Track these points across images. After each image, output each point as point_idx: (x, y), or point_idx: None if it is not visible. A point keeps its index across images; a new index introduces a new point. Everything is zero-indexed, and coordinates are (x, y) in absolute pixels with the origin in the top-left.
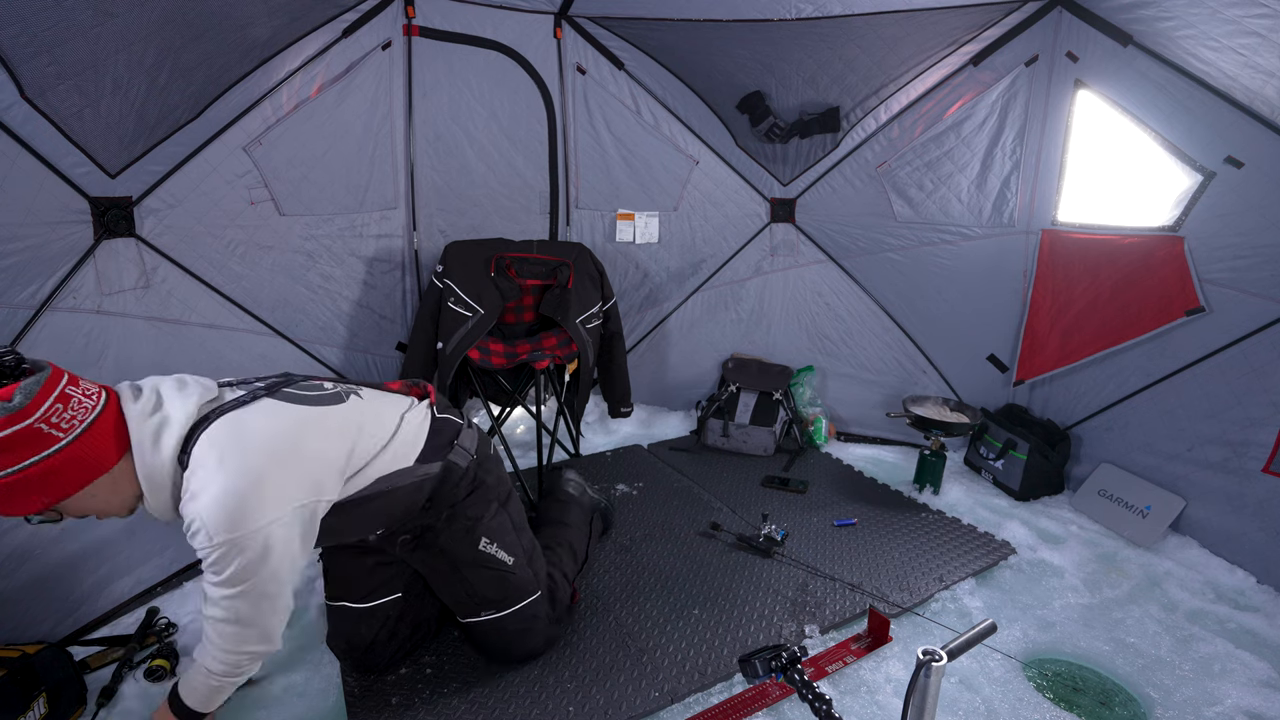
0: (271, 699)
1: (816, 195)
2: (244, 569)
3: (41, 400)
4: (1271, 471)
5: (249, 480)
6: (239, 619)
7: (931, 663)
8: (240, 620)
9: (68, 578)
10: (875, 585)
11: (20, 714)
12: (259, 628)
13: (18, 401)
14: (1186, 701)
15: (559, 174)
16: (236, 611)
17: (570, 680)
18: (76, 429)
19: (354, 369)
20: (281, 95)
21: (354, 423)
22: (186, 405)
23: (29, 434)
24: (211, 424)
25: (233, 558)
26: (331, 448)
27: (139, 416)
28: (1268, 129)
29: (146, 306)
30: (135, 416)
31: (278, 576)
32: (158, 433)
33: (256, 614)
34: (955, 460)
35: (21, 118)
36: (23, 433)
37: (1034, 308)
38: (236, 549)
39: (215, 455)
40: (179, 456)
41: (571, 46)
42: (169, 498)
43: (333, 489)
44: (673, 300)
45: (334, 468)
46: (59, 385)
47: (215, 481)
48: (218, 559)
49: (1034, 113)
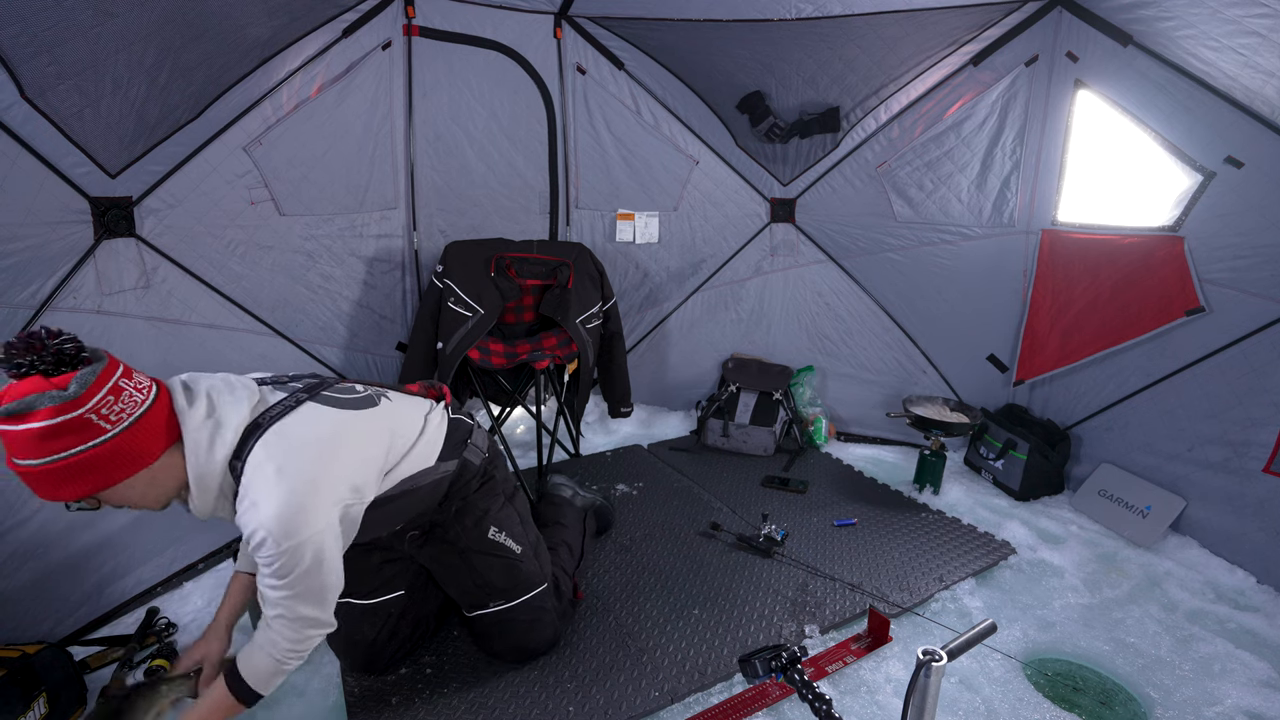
0: (271, 699)
1: (816, 195)
2: (305, 571)
3: (95, 391)
4: (1272, 471)
5: (306, 488)
6: (300, 614)
7: (931, 663)
8: (301, 616)
9: (68, 578)
10: (875, 585)
11: (20, 714)
12: (318, 616)
13: (72, 391)
14: (1186, 701)
15: (559, 174)
16: (297, 608)
17: (570, 680)
18: (124, 422)
19: (354, 369)
20: (281, 95)
21: (387, 426)
22: (240, 411)
23: (79, 423)
24: (265, 432)
25: (294, 561)
26: (371, 451)
27: (194, 420)
28: (1268, 129)
29: (146, 306)
30: (189, 419)
31: (334, 570)
32: (212, 438)
33: (316, 606)
34: (955, 460)
35: (21, 118)
36: (73, 421)
37: (1034, 308)
38: (297, 554)
39: (273, 465)
40: (231, 462)
41: (571, 46)
42: (214, 499)
43: (372, 490)
44: (673, 300)
45: (374, 470)
46: (113, 377)
47: (277, 491)
48: (282, 564)
49: (1034, 113)
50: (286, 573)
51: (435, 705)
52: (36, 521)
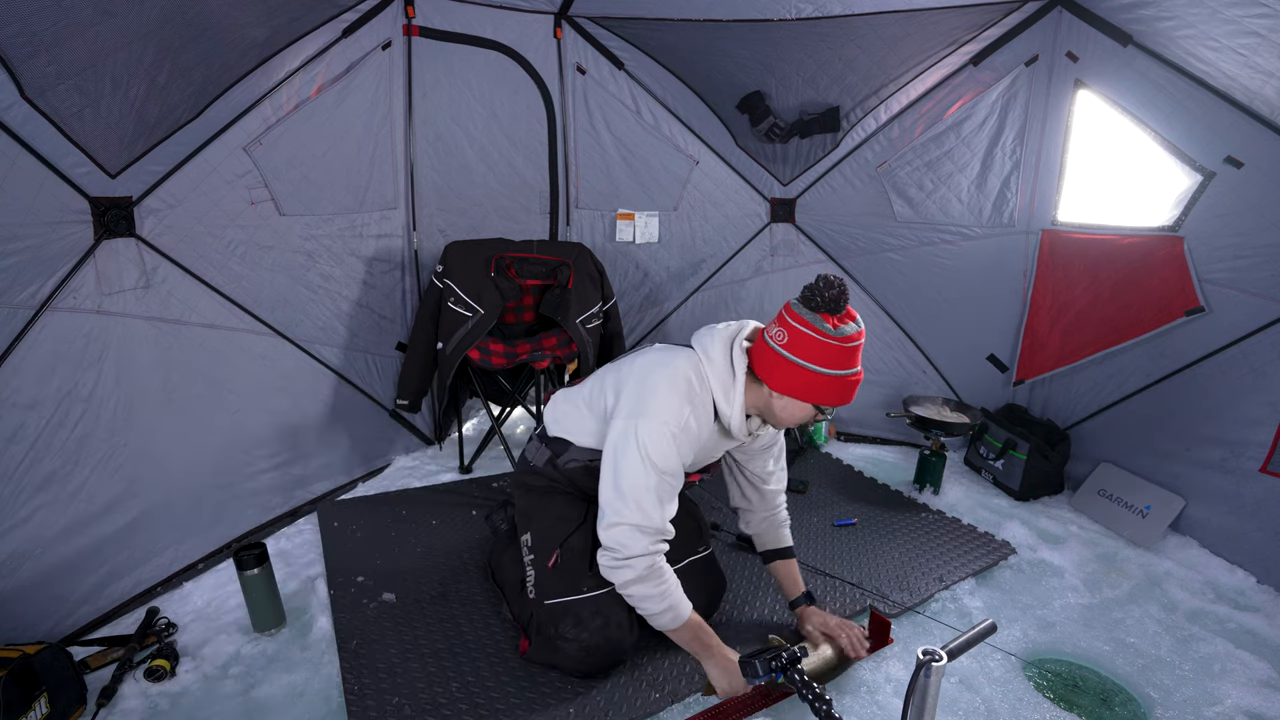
0: (272, 699)
1: (816, 195)
2: None
3: None
4: (1269, 471)
5: None
6: None
7: (931, 663)
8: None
9: (68, 578)
10: (875, 585)
11: (20, 714)
12: None
13: (859, 324)
14: (1186, 701)
15: (559, 174)
16: None
17: (570, 681)
18: None
19: (354, 369)
20: (281, 95)
21: None
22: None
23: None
24: None
25: None
26: None
27: None
28: (1268, 129)
29: (147, 306)
30: None
31: None
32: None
33: None
34: (955, 460)
35: (21, 118)
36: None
37: (1034, 308)
38: None
39: None
40: None
41: (571, 46)
42: None
43: None
44: (673, 300)
45: None
46: None
47: None
48: None
49: (1034, 113)
50: None
51: (435, 705)
52: (36, 521)
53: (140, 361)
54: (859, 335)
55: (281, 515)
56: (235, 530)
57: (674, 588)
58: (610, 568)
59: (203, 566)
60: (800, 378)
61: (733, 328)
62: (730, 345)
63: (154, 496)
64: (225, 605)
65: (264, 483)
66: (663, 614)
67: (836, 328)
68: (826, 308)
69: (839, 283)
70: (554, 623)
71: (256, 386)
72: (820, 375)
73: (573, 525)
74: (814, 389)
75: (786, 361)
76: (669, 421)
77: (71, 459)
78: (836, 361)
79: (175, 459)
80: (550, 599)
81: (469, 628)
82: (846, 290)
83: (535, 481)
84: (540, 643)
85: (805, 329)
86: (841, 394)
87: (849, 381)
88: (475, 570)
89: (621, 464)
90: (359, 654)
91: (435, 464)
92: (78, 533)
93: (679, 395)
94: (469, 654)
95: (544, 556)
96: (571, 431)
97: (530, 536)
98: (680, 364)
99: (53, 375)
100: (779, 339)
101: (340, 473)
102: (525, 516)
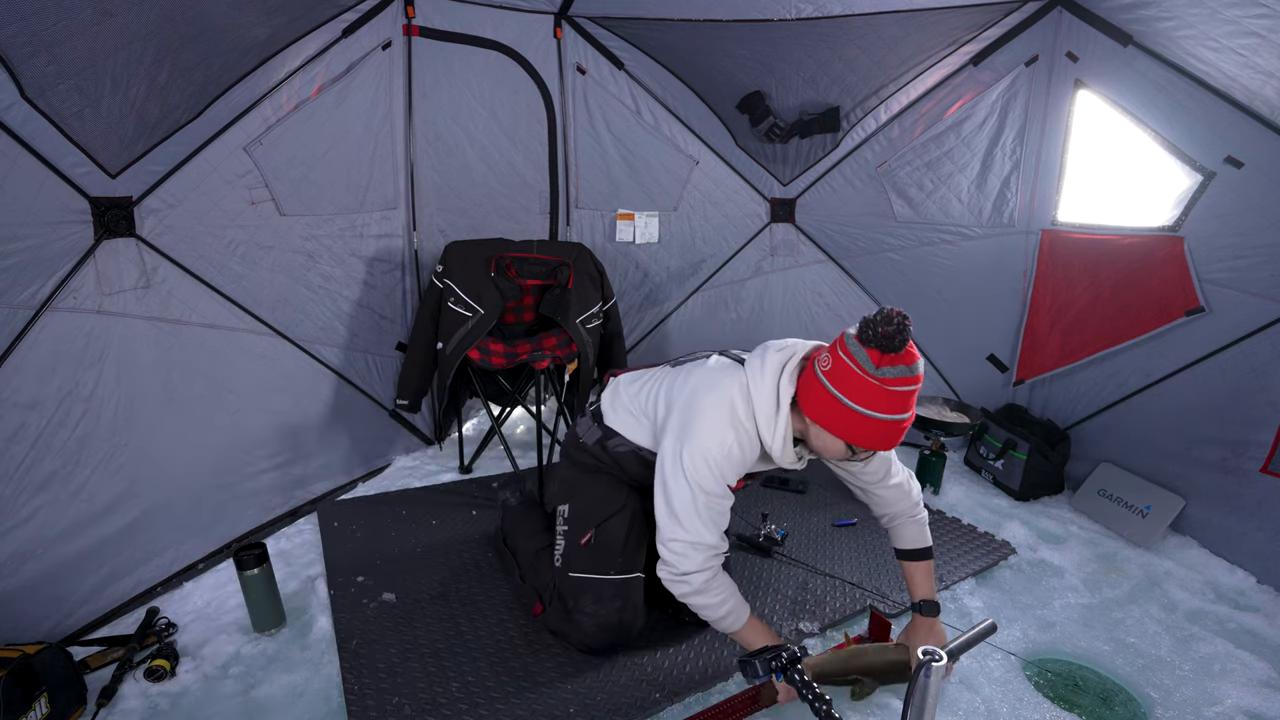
0: (272, 699)
1: (816, 195)
2: None
3: None
4: (1270, 471)
5: None
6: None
7: (931, 663)
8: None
9: (68, 578)
10: (875, 585)
11: (20, 714)
12: None
13: (913, 369)
14: (1186, 701)
15: (559, 174)
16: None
17: (570, 680)
18: None
19: (354, 369)
20: (281, 95)
21: None
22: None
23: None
24: None
25: None
26: None
27: None
28: (1267, 129)
29: (147, 306)
30: None
31: None
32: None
33: None
34: (955, 460)
35: (21, 118)
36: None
37: (1034, 308)
38: None
39: None
40: None
41: (571, 46)
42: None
43: None
44: (673, 300)
45: None
46: None
47: None
48: None
49: (1034, 113)
50: None
51: (436, 706)
52: (36, 522)
53: (141, 361)
54: (905, 381)
55: (281, 515)
56: (235, 530)
57: (731, 594)
58: (669, 580)
59: (203, 566)
60: (832, 409)
61: (786, 350)
62: (780, 371)
63: (154, 496)
64: (225, 605)
65: (264, 483)
66: (725, 618)
67: (879, 366)
68: (877, 343)
69: (899, 319)
70: (575, 595)
71: (257, 386)
72: (854, 412)
73: (612, 509)
74: (847, 425)
75: (824, 390)
76: (712, 448)
77: (72, 459)
78: (874, 402)
79: (176, 459)
80: (575, 573)
81: (469, 628)
82: (906, 329)
83: (583, 458)
84: (557, 609)
85: (848, 360)
86: (878, 437)
87: (888, 425)
88: (475, 570)
89: (670, 486)
90: (359, 654)
91: (435, 464)
92: (78, 533)
93: (723, 421)
94: (469, 654)
95: (578, 533)
96: (625, 428)
97: (569, 509)
98: (729, 386)
99: (53, 375)
100: (824, 364)
101: (340, 473)
102: (567, 487)
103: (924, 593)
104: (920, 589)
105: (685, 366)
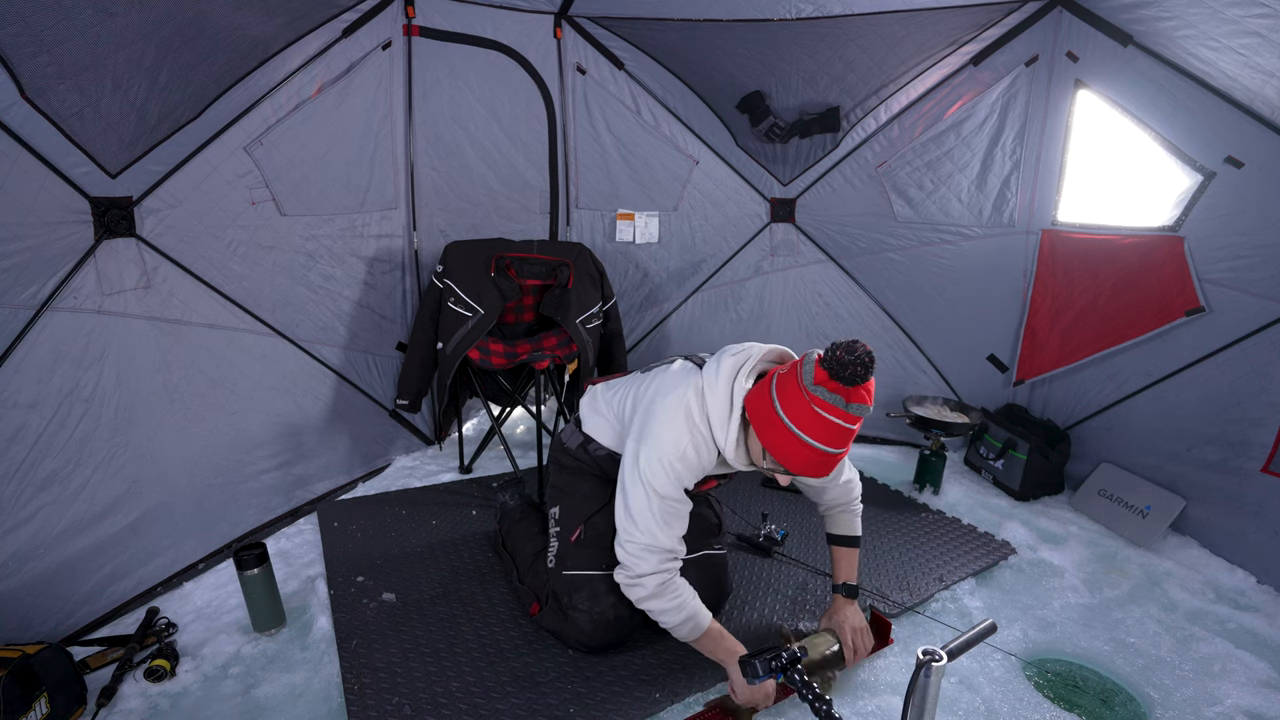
0: (272, 699)
1: (816, 195)
2: None
3: None
4: (1270, 471)
5: None
6: None
7: (931, 663)
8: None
9: (68, 578)
10: (875, 585)
11: (20, 714)
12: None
13: (859, 409)
14: (1186, 701)
15: (559, 174)
16: None
17: (570, 681)
18: None
19: (354, 369)
20: (281, 95)
21: None
22: None
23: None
24: None
25: None
26: None
27: None
28: (1268, 129)
29: (147, 306)
30: None
31: None
32: None
33: None
34: (955, 460)
35: (21, 118)
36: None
37: (1034, 308)
38: None
39: None
40: None
41: (571, 46)
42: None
43: None
44: (673, 300)
45: None
46: None
47: None
48: None
49: (1034, 113)
50: None
51: (436, 706)
52: (37, 522)
53: (141, 362)
54: (834, 410)
55: (282, 515)
56: (235, 530)
57: (690, 599)
58: (626, 585)
59: (203, 566)
60: (768, 421)
61: (741, 355)
62: (735, 373)
63: (155, 496)
64: (225, 605)
65: (264, 483)
66: (683, 625)
67: (816, 384)
68: (829, 365)
69: (862, 354)
70: (569, 592)
71: (257, 386)
72: (787, 432)
73: (597, 505)
74: (778, 441)
75: (766, 400)
76: (668, 450)
77: (73, 459)
78: (811, 427)
79: (176, 459)
80: (569, 570)
81: (469, 628)
82: (866, 366)
83: (569, 462)
84: (553, 609)
85: (797, 371)
86: (803, 463)
87: (816, 455)
88: (475, 570)
89: (627, 488)
90: (359, 654)
91: (435, 464)
92: (79, 533)
93: (679, 425)
94: (469, 654)
95: (568, 530)
96: (600, 433)
97: (559, 511)
98: (685, 389)
99: (53, 375)
100: (782, 370)
101: (340, 473)
102: (557, 491)
103: (847, 576)
104: (844, 572)
105: (653, 371)
